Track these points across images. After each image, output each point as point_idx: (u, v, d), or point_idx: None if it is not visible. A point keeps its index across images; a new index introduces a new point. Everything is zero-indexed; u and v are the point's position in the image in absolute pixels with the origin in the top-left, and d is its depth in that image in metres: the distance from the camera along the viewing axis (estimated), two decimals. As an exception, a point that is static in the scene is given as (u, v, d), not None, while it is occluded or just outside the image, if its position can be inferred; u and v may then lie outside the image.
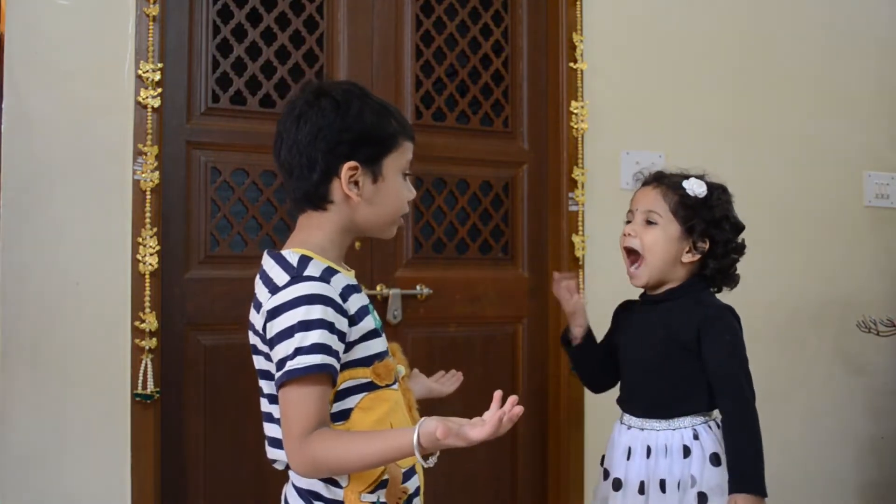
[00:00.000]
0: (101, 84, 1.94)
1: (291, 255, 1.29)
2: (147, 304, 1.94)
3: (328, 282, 1.25)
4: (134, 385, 1.93)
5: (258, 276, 1.32)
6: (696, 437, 1.61)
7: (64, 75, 1.91)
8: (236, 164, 2.15)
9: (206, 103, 2.12)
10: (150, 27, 1.97)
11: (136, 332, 1.94)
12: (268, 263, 1.31)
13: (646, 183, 1.71)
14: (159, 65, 1.98)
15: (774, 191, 2.74)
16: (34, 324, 1.87)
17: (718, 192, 1.68)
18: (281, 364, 1.21)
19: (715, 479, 1.58)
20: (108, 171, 1.94)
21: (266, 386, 1.30)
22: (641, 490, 1.60)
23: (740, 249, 1.71)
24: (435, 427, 1.12)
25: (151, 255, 1.95)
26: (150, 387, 1.94)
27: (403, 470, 1.31)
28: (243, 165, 2.15)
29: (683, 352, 1.61)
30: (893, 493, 2.93)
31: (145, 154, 1.95)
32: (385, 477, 1.29)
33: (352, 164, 1.30)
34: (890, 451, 2.93)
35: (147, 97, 1.96)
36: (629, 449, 1.64)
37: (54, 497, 1.88)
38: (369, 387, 1.29)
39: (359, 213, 1.33)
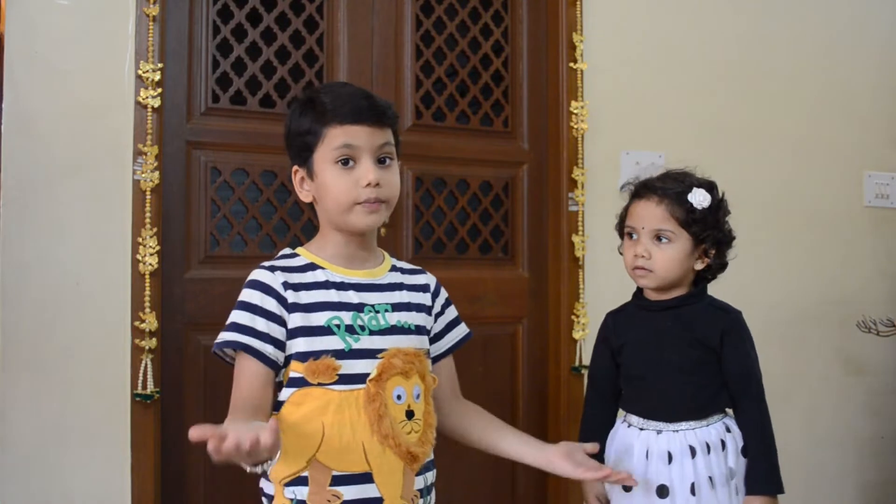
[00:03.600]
0: (101, 84, 1.94)
1: (287, 249, 1.43)
2: (147, 304, 1.94)
3: (273, 272, 1.34)
4: (134, 385, 1.93)
5: None
6: (728, 430, 1.63)
7: (64, 75, 1.91)
8: (236, 164, 2.15)
9: (206, 103, 2.12)
10: (150, 27, 1.97)
11: (136, 332, 1.93)
12: None
13: (640, 196, 1.66)
14: (159, 65, 1.98)
15: (774, 191, 2.74)
16: (34, 324, 1.87)
17: (716, 194, 1.66)
18: None
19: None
20: (108, 171, 1.94)
21: None
22: (693, 492, 1.58)
23: (733, 237, 1.70)
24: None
25: (151, 255, 1.95)
26: (150, 387, 1.94)
27: (337, 473, 1.29)
28: (243, 165, 2.15)
29: (709, 355, 1.62)
30: (893, 493, 2.93)
31: (145, 154, 1.95)
32: (304, 474, 1.30)
33: (294, 168, 1.40)
34: (890, 451, 2.94)
35: (147, 97, 1.96)
36: (668, 454, 1.60)
37: (54, 497, 1.88)
38: (301, 382, 1.31)
39: (320, 211, 1.40)
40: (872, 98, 2.95)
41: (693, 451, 1.59)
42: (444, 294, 1.53)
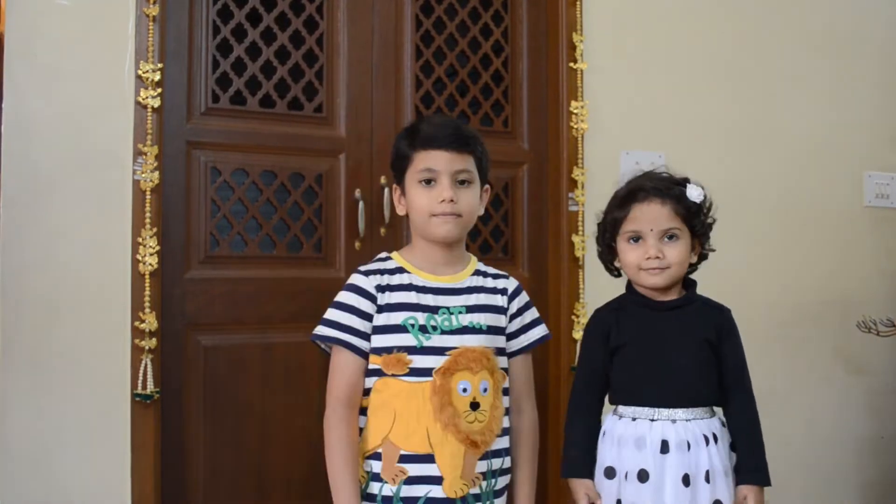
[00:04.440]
0: (101, 84, 1.94)
1: (384, 253, 1.66)
2: (147, 304, 1.94)
3: (368, 276, 1.57)
4: (134, 385, 1.93)
5: None
6: (723, 424, 1.69)
7: (64, 75, 1.91)
8: (236, 164, 2.15)
9: (206, 103, 2.12)
10: (150, 27, 1.97)
11: (136, 333, 1.93)
12: None
13: (640, 199, 1.69)
14: (159, 65, 1.98)
15: (774, 191, 2.74)
16: (34, 324, 1.87)
17: (704, 189, 1.72)
18: None
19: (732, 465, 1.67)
20: (108, 171, 1.94)
21: None
22: (686, 482, 1.61)
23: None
24: None
25: (151, 255, 1.95)
26: (150, 387, 1.94)
27: (404, 452, 1.51)
28: (243, 165, 2.15)
29: (712, 352, 1.69)
30: (893, 493, 2.93)
31: (145, 154, 1.95)
32: (379, 450, 1.53)
33: (394, 185, 1.66)
34: (890, 451, 2.94)
35: (147, 97, 1.96)
36: (663, 443, 1.63)
37: (54, 497, 1.88)
38: (380, 373, 1.54)
39: (411, 223, 1.64)
40: (872, 98, 2.95)
41: (707, 440, 1.64)
42: (522, 298, 1.70)
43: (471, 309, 1.59)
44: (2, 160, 1.85)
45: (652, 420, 1.65)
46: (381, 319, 1.55)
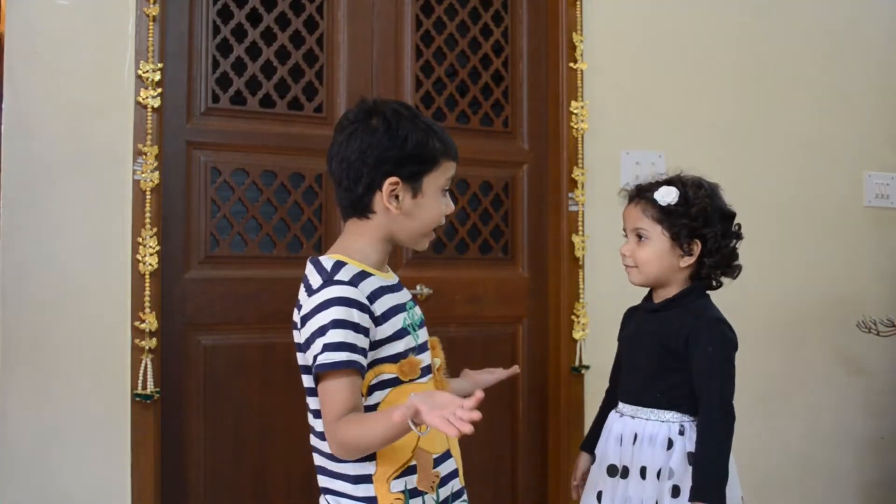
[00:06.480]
0: (101, 84, 1.94)
1: (327, 260, 1.41)
2: (147, 304, 1.94)
3: (356, 286, 1.36)
4: (134, 385, 1.93)
5: (302, 280, 1.43)
6: (681, 432, 1.67)
7: (64, 75, 1.91)
8: (236, 164, 2.15)
9: (206, 103, 2.12)
10: (150, 27, 1.97)
11: (136, 333, 1.93)
12: (308, 269, 1.43)
13: (630, 199, 1.76)
14: (159, 65, 1.98)
15: (775, 191, 2.74)
16: (34, 324, 1.87)
17: (693, 190, 1.69)
18: (314, 360, 1.34)
19: (688, 478, 1.63)
20: (107, 171, 1.94)
21: (306, 380, 1.41)
22: (625, 474, 1.70)
23: (735, 236, 1.74)
24: (410, 406, 1.23)
25: (151, 255, 1.95)
26: (150, 387, 1.94)
27: (435, 455, 1.43)
28: (243, 165, 2.15)
29: (675, 361, 1.67)
30: (893, 493, 2.93)
31: (145, 154, 1.95)
32: (413, 463, 1.40)
33: (393, 179, 1.41)
34: (890, 451, 2.94)
35: (147, 97, 1.96)
36: (621, 436, 1.72)
37: (54, 497, 1.88)
38: (395, 382, 1.41)
39: (397, 224, 1.45)
40: (872, 98, 2.95)
41: (634, 438, 1.69)
42: None
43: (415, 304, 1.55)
44: (2, 160, 1.84)
45: (621, 415, 1.75)
46: (388, 328, 1.41)
